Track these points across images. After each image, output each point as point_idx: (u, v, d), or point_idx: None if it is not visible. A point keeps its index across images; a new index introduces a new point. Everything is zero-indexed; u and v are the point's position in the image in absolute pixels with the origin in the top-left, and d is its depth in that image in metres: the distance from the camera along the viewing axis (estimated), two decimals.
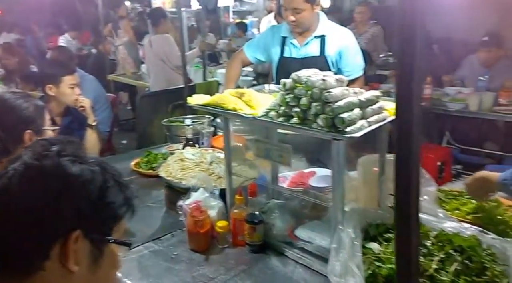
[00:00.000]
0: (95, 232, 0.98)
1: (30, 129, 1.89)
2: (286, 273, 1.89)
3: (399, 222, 0.84)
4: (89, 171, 0.98)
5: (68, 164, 0.96)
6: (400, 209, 0.83)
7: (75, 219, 0.94)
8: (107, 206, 1.00)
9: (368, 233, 1.71)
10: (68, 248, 0.93)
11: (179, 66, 5.13)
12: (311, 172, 2.34)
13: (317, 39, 3.06)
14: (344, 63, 3.07)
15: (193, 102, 2.09)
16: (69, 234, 0.93)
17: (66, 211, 0.93)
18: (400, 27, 0.77)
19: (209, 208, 2.09)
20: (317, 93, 1.61)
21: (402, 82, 0.77)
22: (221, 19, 11.32)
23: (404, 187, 0.82)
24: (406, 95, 0.76)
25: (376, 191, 1.96)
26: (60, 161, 0.96)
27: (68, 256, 0.93)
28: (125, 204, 1.05)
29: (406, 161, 0.80)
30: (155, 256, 2.01)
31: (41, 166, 0.95)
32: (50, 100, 3.08)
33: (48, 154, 0.96)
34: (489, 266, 1.48)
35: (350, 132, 1.57)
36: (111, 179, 1.02)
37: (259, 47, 3.32)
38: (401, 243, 0.85)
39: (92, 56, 8.05)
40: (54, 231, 0.93)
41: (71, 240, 0.93)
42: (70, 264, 0.93)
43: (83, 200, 0.96)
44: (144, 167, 2.95)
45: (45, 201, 0.92)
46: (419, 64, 0.75)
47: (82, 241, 0.95)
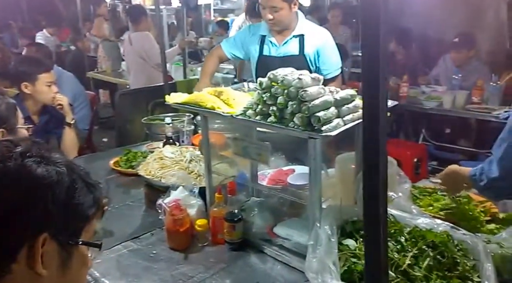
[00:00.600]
0: (63, 234, 0.95)
1: (3, 128, 1.85)
2: (265, 270, 1.91)
3: (368, 224, 0.86)
4: (55, 172, 0.94)
5: (33, 165, 0.93)
6: (369, 205, 0.84)
7: (42, 222, 0.91)
8: (75, 208, 0.97)
9: (345, 229, 1.74)
10: (35, 251, 0.90)
11: (160, 64, 5.11)
12: (290, 169, 2.36)
13: (296, 39, 3.09)
14: (321, 61, 3.11)
15: (171, 100, 2.09)
16: (36, 236, 0.90)
17: (32, 214, 0.90)
18: (364, 23, 0.78)
19: (188, 206, 2.10)
20: (293, 92, 1.63)
21: (368, 83, 0.78)
22: (202, 17, 11.28)
23: (372, 192, 0.83)
24: (372, 96, 0.77)
25: (353, 188, 1.99)
26: (24, 162, 0.92)
27: (36, 259, 0.90)
28: (94, 204, 1.02)
29: (374, 164, 0.81)
30: (134, 255, 2.01)
31: (4, 167, 0.91)
32: (27, 98, 3.04)
33: (12, 155, 0.92)
34: (461, 261, 1.52)
35: (325, 131, 1.59)
36: (78, 179, 0.99)
37: (236, 44, 3.33)
38: (369, 247, 0.87)
39: (71, 53, 7.96)
40: (20, 234, 0.90)
41: (38, 243, 0.90)
42: (38, 267, 0.91)
43: (50, 202, 0.92)
44: (124, 166, 2.93)
45: (9, 204, 0.89)
46: (383, 62, 0.76)
47: (50, 243, 0.92)
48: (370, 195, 0.81)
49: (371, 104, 0.76)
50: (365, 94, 0.78)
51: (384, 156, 0.79)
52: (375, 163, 0.79)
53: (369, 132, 0.78)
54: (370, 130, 0.78)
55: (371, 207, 0.81)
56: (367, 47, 0.74)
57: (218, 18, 10.82)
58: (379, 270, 0.83)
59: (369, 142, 0.79)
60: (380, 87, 0.74)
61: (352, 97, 1.73)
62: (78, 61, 7.31)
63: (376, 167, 0.79)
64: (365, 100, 0.78)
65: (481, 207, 2.07)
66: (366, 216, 0.85)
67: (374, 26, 0.73)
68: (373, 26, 0.73)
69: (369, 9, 0.73)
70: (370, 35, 0.74)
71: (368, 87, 0.76)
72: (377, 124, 0.75)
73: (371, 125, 0.77)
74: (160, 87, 4.63)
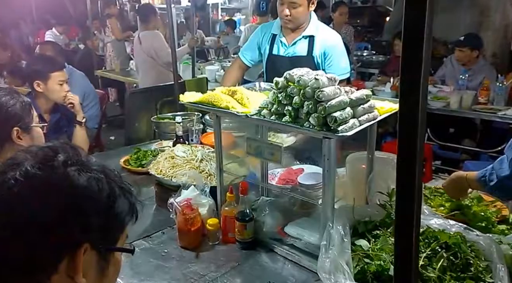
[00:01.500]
0: (102, 243, 0.95)
1: (18, 127, 1.86)
2: (275, 269, 1.91)
3: (400, 222, 0.85)
4: (96, 180, 0.94)
5: (75, 175, 0.91)
6: (402, 211, 0.83)
7: (84, 232, 0.91)
8: (115, 217, 0.97)
9: (357, 230, 1.74)
10: (77, 261, 0.90)
11: (169, 63, 5.12)
12: (299, 169, 2.36)
13: (305, 39, 3.06)
14: (327, 64, 3.06)
15: (185, 100, 2.09)
16: (78, 247, 0.90)
17: (74, 225, 0.90)
18: (407, 22, 0.76)
19: (199, 205, 2.11)
20: (310, 92, 1.63)
21: (407, 82, 0.77)
22: (209, 16, 11.29)
23: (406, 188, 0.82)
24: (411, 96, 0.76)
25: (364, 188, 1.99)
26: (67, 172, 0.91)
27: (77, 269, 0.90)
28: (130, 211, 1.02)
29: (409, 161, 0.80)
30: (145, 254, 2.02)
31: (47, 177, 0.90)
32: (38, 96, 3.05)
33: (54, 164, 0.91)
34: (474, 262, 1.52)
35: (342, 131, 1.59)
36: (116, 187, 0.98)
37: (252, 48, 3.31)
38: (401, 243, 0.86)
39: (80, 51, 7.99)
40: (63, 245, 0.89)
41: (80, 252, 0.90)
42: (79, 277, 0.90)
43: (91, 212, 0.92)
44: (134, 164, 2.95)
45: (52, 215, 0.88)
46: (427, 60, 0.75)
47: (90, 253, 0.92)
48: (405, 195, 0.80)
49: (409, 107, 0.75)
50: (403, 94, 0.77)
51: (420, 158, 0.78)
52: (411, 166, 0.78)
53: (406, 133, 0.77)
54: (407, 131, 0.77)
55: (405, 208, 0.81)
56: (409, 49, 0.73)
57: (225, 17, 10.83)
58: (410, 271, 0.83)
59: (405, 143, 0.79)
60: (421, 87, 0.73)
61: (367, 97, 1.73)
62: (86, 59, 7.33)
63: (413, 173, 0.78)
64: (403, 102, 0.77)
65: (492, 207, 2.06)
66: (398, 216, 0.84)
67: (417, 26, 0.72)
68: (416, 26, 0.72)
69: (413, 12, 0.73)
70: (413, 33, 0.73)
71: (408, 89, 0.75)
72: (416, 125, 0.75)
73: (409, 127, 0.76)
74: (168, 86, 4.64)
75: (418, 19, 0.71)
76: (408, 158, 0.79)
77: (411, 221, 0.79)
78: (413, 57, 0.73)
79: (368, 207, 1.85)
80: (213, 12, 11.49)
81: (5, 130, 1.83)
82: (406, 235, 0.80)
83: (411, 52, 0.73)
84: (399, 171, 0.82)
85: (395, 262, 0.85)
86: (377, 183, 1.93)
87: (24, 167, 0.90)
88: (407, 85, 0.75)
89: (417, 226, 0.79)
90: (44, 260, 0.88)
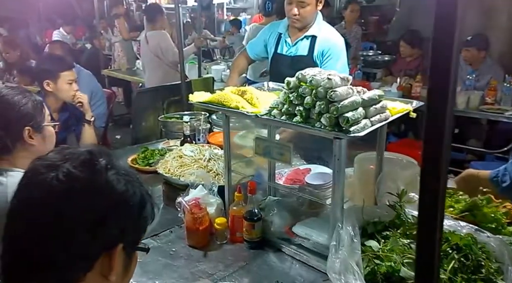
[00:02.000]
0: (132, 243, 1.02)
1: (29, 126, 1.86)
2: (283, 269, 1.92)
3: (423, 225, 0.84)
4: (130, 185, 0.99)
5: (115, 179, 0.97)
6: (425, 212, 0.83)
7: (121, 233, 0.97)
8: (144, 219, 1.04)
9: (366, 230, 1.74)
10: (113, 260, 0.96)
11: (175, 62, 5.13)
12: (306, 169, 2.36)
13: (307, 39, 3.04)
14: (323, 65, 3.00)
15: (194, 99, 2.09)
16: (115, 247, 0.96)
17: (114, 226, 0.95)
18: (438, 20, 0.75)
19: (207, 204, 2.11)
20: (322, 92, 1.62)
21: (436, 83, 0.76)
22: (215, 16, 11.29)
23: (431, 189, 0.81)
24: (439, 97, 0.75)
25: (372, 188, 1.98)
26: (108, 176, 0.96)
27: (112, 267, 0.96)
28: (152, 215, 1.08)
29: (435, 164, 0.79)
30: (153, 253, 2.02)
31: (91, 179, 0.94)
32: (48, 95, 3.06)
33: (97, 168, 0.96)
34: (485, 264, 1.51)
35: (354, 131, 1.58)
36: (143, 191, 1.03)
37: (258, 44, 3.32)
38: (423, 245, 0.85)
39: (87, 51, 8.02)
40: (102, 245, 0.94)
41: (115, 252, 0.96)
42: (112, 274, 0.96)
43: (127, 216, 0.98)
44: (141, 163, 2.95)
45: (95, 216, 0.93)
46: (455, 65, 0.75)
47: (121, 252, 0.98)
48: (429, 200, 0.79)
49: (436, 110, 0.74)
50: (431, 94, 0.76)
51: (446, 163, 0.78)
52: (436, 171, 0.78)
53: (433, 134, 0.77)
54: (434, 132, 0.76)
55: (428, 214, 0.80)
56: (438, 51, 0.72)
57: (231, 17, 10.82)
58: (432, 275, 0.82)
59: (431, 147, 0.78)
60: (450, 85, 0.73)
61: (379, 97, 1.72)
62: (93, 59, 7.35)
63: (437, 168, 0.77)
64: (431, 104, 0.76)
65: (501, 208, 2.05)
66: (421, 221, 0.83)
67: (448, 26, 0.72)
68: (447, 26, 0.72)
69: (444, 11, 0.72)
70: (443, 35, 0.72)
71: (436, 94, 0.74)
72: (443, 127, 0.74)
73: (436, 128, 0.76)
74: (175, 85, 4.65)
75: (449, 22, 0.70)
76: (434, 164, 0.78)
77: (434, 229, 0.79)
78: (443, 62, 0.72)
79: (377, 207, 1.84)
80: (219, 12, 11.49)
81: (17, 130, 1.83)
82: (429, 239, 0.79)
83: (441, 57, 0.72)
84: (423, 176, 0.80)
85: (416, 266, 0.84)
86: (386, 183, 1.92)
87: (65, 168, 0.94)
88: (435, 91, 0.74)
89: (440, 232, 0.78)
90: (84, 258, 0.93)
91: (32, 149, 1.85)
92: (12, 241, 0.94)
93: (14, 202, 0.96)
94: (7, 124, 1.81)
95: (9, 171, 1.76)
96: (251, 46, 3.38)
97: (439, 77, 0.74)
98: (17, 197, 0.96)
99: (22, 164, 1.82)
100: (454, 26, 0.69)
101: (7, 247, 0.94)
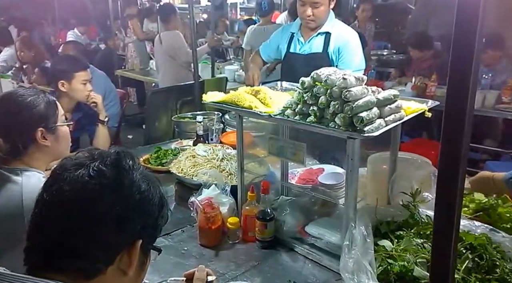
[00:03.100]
0: (150, 241, 1.08)
1: (42, 127, 1.86)
2: (296, 268, 1.91)
3: (440, 226, 0.83)
4: (152, 186, 1.06)
5: (139, 179, 1.03)
6: (442, 215, 0.82)
7: (143, 230, 1.03)
8: (162, 219, 1.10)
9: (379, 230, 1.73)
10: (133, 255, 1.01)
11: (188, 62, 5.14)
12: (319, 168, 2.36)
13: (321, 36, 3.05)
14: (341, 61, 3.03)
15: (208, 99, 2.09)
16: (136, 242, 1.02)
17: (138, 223, 1.02)
18: (458, 22, 0.75)
19: (220, 204, 2.12)
20: (337, 92, 1.61)
21: (456, 83, 0.75)
22: (228, 16, 11.31)
23: (449, 189, 0.80)
24: (460, 96, 0.74)
25: (386, 188, 1.97)
26: (134, 175, 1.03)
27: (132, 262, 1.01)
28: (167, 215, 1.13)
29: (453, 165, 0.78)
30: (165, 251, 2.01)
31: (120, 178, 1.01)
32: (62, 96, 3.08)
33: (125, 167, 1.03)
34: (500, 264, 1.49)
35: (368, 131, 1.57)
36: (162, 193, 1.10)
37: (271, 46, 3.33)
38: (439, 245, 0.85)
39: (100, 51, 8.07)
40: (126, 239, 1.00)
41: (136, 248, 1.02)
42: (131, 269, 1.02)
43: (149, 214, 1.05)
44: (154, 163, 2.97)
45: (123, 212, 0.99)
46: (476, 65, 0.74)
47: (139, 249, 1.03)
48: (447, 202, 0.78)
49: (456, 111, 0.73)
50: (450, 98, 0.76)
51: (464, 163, 0.77)
52: (455, 170, 0.77)
53: (451, 135, 0.76)
54: (452, 134, 0.76)
55: (445, 216, 0.79)
56: (459, 50, 0.72)
57: (244, 16, 10.83)
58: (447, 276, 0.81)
59: (449, 147, 0.77)
60: (471, 89, 0.72)
61: (394, 97, 1.71)
62: (107, 59, 7.40)
63: (456, 175, 0.76)
64: (450, 105, 0.76)
65: None
66: (437, 223, 0.82)
67: (469, 25, 0.71)
68: (469, 25, 0.71)
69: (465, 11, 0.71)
70: (464, 34, 0.71)
71: (456, 94, 0.74)
72: (462, 127, 0.73)
73: (454, 130, 0.75)
74: (188, 85, 4.66)
75: (470, 25, 0.69)
76: (452, 165, 0.77)
77: (451, 227, 0.78)
78: (463, 63, 0.71)
79: (391, 207, 1.83)
80: (232, 12, 11.51)
81: (29, 131, 1.83)
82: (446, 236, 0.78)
83: (461, 57, 0.71)
84: (440, 178, 0.79)
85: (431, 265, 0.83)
86: (400, 183, 1.91)
87: (95, 166, 1.00)
88: (455, 90, 0.74)
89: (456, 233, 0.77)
90: (108, 251, 0.99)
91: (46, 149, 1.86)
92: (40, 231, 0.99)
93: (43, 194, 1.01)
94: (20, 126, 1.82)
95: (25, 170, 1.77)
96: (264, 48, 3.39)
97: (459, 80, 0.73)
98: (47, 190, 1.01)
99: (37, 165, 1.83)
100: (475, 30, 0.68)
101: (35, 236, 1.00)
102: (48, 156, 1.87)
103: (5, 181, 1.72)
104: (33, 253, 0.99)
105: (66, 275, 0.96)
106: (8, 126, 1.81)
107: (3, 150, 1.80)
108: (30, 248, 1.00)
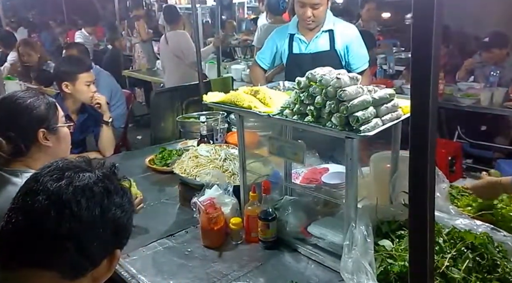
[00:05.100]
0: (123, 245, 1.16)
1: (44, 128, 1.89)
2: (298, 269, 1.90)
3: (414, 221, 0.84)
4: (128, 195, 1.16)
5: (124, 188, 1.15)
6: (415, 208, 0.83)
7: (123, 238, 1.14)
8: (131, 226, 1.17)
9: (380, 230, 1.72)
10: (114, 259, 1.10)
11: (195, 62, 5.15)
12: (324, 168, 2.34)
13: (325, 33, 3.10)
14: (351, 56, 3.14)
15: (208, 100, 2.10)
16: (118, 248, 1.11)
17: (128, 229, 1.15)
18: (416, 20, 0.76)
19: (223, 204, 2.11)
20: (332, 91, 1.61)
21: (418, 79, 0.76)
22: (236, 15, 11.31)
23: (419, 185, 0.81)
24: (422, 91, 0.75)
25: (388, 187, 1.96)
26: (122, 186, 1.14)
27: (113, 265, 1.11)
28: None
29: (421, 159, 0.79)
30: (169, 253, 2.04)
31: (114, 184, 1.11)
32: (66, 97, 3.11)
33: (114, 176, 1.14)
34: (501, 263, 1.48)
35: (364, 131, 1.57)
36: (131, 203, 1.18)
37: (266, 52, 3.35)
38: (415, 242, 0.85)
39: (108, 52, 8.11)
40: (113, 242, 1.10)
41: (118, 253, 1.11)
42: (112, 270, 1.11)
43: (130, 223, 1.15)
44: (159, 163, 2.98)
45: (118, 215, 1.09)
46: (436, 57, 0.74)
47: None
48: (418, 190, 0.79)
49: (420, 105, 0.74)
50: (414, 94, 0.76)
51: (432, 153, 0.77)
52: (422, 159, 0.77)
53: (418, 132, 0.76)
54: (418, 130, 0.76)
55: (418, 209, 0.79)
56: (418, 46, 0.72)
57: (251, 16, 10.81)
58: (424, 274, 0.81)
59: (417, 144, 0.77)
60: (431, 87, 0.72)
61: (390, 96, 1.70)
62: (114, 59, 7.43)
63: (423, 163, 0.77)
64: (414, 100, 0.76)
65: None
66: (412, 216, 0.83)
67: (426, 23, 0.71)
68: (425, 23, 0.71)
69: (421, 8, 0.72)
70: (421, 33, 0.72)
71: (418, 87, 0.74)
72: (426, 122, 0.73)
73: (418, 122, 0.76)
74: (194, 85, 4.66)
75: (427, 13, 0.70)
76: (420, 157, 0.78)
77: (424, 217, 0.78)
78: (423, 53, 0.71)
79: (392, 206, 1.82)
80: (239, 11, 11.50)
81: (31, 132, 1.86)
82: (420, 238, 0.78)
83: (421, 49, 0.72)
84: (411, 171, 0.80)
85: (410, 266, 0.83)
86: (401, 182, 1.90)
87: (94, 173, 1.09)
88: (417, 82, 0.74)
89: (432, 229, 0.77)
90: (101, 251, 1.07)
91: (48, 150, 1.89)
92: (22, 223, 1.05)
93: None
94: (21, 128, 1.85)
95: (24, 172, 1.79)
96: (261, 56, 3.40)
97: (420, 77, 0.73)
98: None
99: (37, 166, 1.84)
100: (431, 26, 0.68)
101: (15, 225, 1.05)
102: (50, 156, 1.88)
103: (5, 182, 1.75)
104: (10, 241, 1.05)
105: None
106: (10, 128, 1.84)
107: (6, 151, 1.83)
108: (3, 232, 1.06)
